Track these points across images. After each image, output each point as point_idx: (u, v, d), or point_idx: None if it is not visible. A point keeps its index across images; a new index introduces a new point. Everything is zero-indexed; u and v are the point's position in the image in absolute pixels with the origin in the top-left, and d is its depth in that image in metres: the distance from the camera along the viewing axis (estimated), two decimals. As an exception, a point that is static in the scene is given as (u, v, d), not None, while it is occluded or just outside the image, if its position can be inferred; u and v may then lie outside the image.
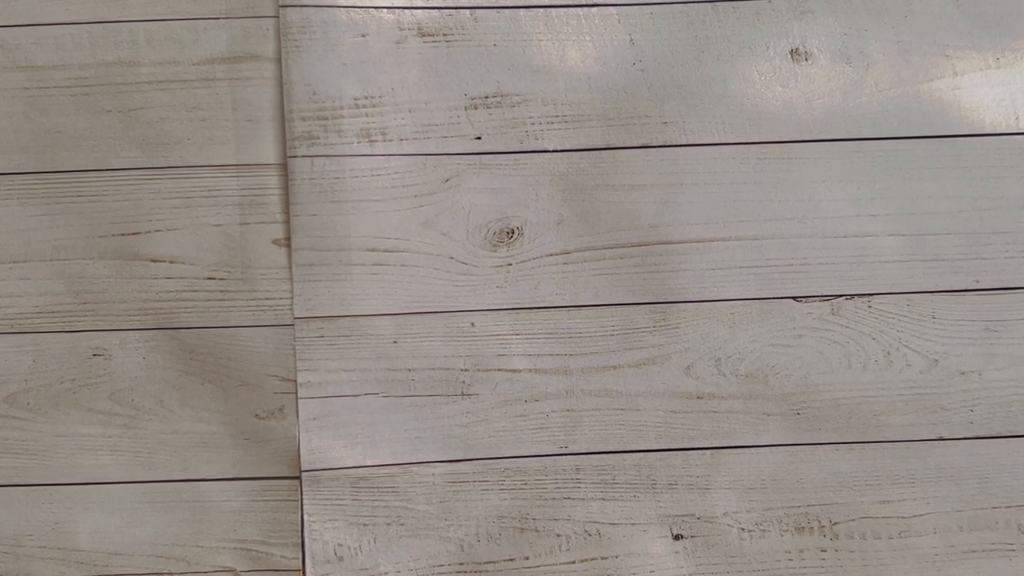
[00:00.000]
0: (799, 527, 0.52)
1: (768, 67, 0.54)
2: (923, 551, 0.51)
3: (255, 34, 0.53)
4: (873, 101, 0.54)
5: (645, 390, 0.52)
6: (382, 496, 0.51)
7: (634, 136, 0.53)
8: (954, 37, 0.54)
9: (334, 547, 0.51)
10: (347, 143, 0.53)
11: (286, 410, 0.52)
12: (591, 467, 0.52)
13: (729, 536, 0.52)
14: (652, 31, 0.54)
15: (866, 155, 0.54)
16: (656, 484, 0.52)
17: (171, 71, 0.53)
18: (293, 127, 0.52)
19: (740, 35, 0.54)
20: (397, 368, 0.52)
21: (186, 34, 0.53)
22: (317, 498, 0.51)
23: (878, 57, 0.54)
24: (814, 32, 0.54)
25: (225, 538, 0.51)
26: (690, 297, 0.53)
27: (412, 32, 0.53)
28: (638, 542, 0.52)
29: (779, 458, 0.52)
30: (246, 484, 0.51)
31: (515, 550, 0.52)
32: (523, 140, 0.53)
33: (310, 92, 0.52)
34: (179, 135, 0.53)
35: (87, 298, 0.53)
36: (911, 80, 0.54)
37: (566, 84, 0.53)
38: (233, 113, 0.53)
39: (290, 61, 0.52)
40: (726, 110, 0.54)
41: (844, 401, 0.52)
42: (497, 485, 0.52)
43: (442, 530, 0.51)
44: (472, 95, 0.53)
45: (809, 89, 0.54)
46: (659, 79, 0.54)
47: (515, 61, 0.53)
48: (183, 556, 0.51)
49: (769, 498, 0.52)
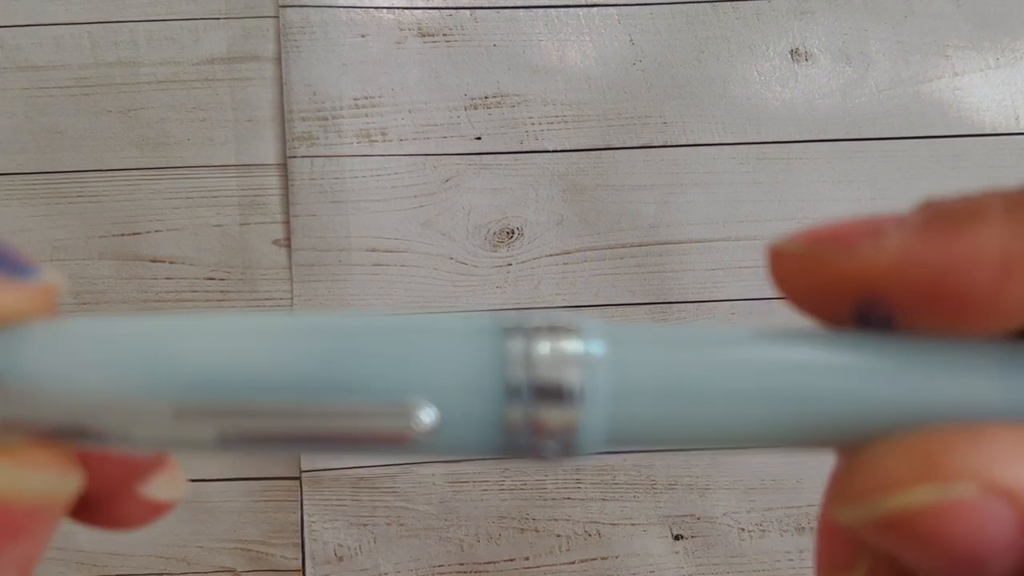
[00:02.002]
0: (799, 527, 0.52)
1: (768, 67, 0.54)
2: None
3: (255, 34, 0.53)
4: (873, 101, 0.54)
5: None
6: (382, 496, 0.51)
7: (634, 136, 0.53)
8: (954, 37, 0.55)
9: (334, 547, 0.51)
10: (347, 143, 0.53)
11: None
12: (591, 467, 0.52)
13: (729, 536, 0.52)
14: (652, 31, 0.54)
15: (866, 155, 0.54)
16: (656, 484, 0.52)
17: (171, 71, 0.53)
18: (293, 127, 0.52)
19: (740, 35, 0.54)
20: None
21: (186, 34, 0.53)
22: (317, 498, 0.51)
23: (878, 57, 0.54)
24: (814, 32, 0.54)
25: (225, 538, 0.51)
26: (690, 297, 0.53)
27: (412, 32, 0.53)
28: (638, 542, 0.52)
29: (779, 458, 0.52)
30: (246, 484, 0.51)
31: (515, 550, 0.52)
32: (523, 140, 0.53)
33: (310, 92, 0.52)
34: (179, 135, 0.53)
35: (87, 298, 0.53)
36: (911, 80, 0.54)
37: (566, 84, 0.53)
38: (233, 113, 0.53)
39: (290, 61, 0.52)
40: (726, 110, 0.54)
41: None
42: (497, 485, 0.52)
43: (442, 530, 0.51)
44: (472, 95, 0.53)
45: (809, 89, 0.54)
46: (659, 79, 0.54)
47: (515, 61, 0.53)
48: (183, 556, 0.51)
49: (769, 498, 0.52)
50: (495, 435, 0.15)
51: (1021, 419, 0.14)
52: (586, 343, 0.15)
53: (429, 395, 0.15)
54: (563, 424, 0.15)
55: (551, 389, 0.14)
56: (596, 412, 0.15)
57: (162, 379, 0.15)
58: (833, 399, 0.15)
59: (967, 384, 0.15)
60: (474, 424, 0.15)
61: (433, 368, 0.15)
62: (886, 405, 0.15)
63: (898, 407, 0.15)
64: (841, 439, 0.16)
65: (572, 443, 0.15)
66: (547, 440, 0.15)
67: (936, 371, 0.15)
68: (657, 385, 0.15)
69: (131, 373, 0.15)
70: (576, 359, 0.15)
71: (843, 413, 0.15)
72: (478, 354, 0.15)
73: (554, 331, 0.15)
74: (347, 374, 0.15)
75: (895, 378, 0.15)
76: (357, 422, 0.15)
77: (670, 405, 0.15)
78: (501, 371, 0.15)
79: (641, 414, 0.15)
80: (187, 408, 0.14)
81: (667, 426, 0.15)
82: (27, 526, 0.14)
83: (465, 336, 0.15)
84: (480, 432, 0.15)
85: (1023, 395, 0.14)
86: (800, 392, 0.15)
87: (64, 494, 0.15)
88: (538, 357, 0.15)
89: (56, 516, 0.15)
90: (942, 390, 0.15)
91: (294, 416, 0.15)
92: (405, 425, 0.14)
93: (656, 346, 0.16)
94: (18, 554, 0.15)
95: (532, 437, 0.15)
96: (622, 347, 0.15)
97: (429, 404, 0.15)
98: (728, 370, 0.15)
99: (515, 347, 0.15)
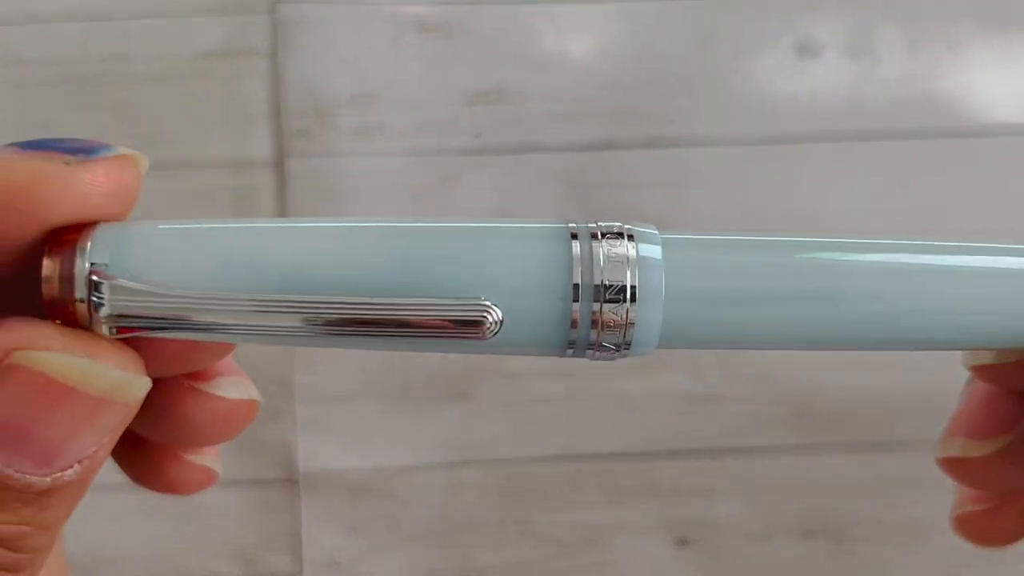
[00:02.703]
0: (805, 532, 0.51)
1: (774, 63, 0.54)
2: (932, 556, 0.51)
3: (250, 29, 0.52)
4: (881, 97, 0.54)
5: (648, 393, 0.52)
6: (380, 500, 0.51)
7: (638, 133, 0.53)
8: (964, 32, 0.54)
9: (332, 552, 0.51)
10: (344, 140, 0.52)
11: (282, 413, 0.51)
12: (593, 471, 0.52)
13: (734, 541, 0.51)
14: (656, 26, 0.53)
15: (874, 152, 0.53)
16: (659, 488, 0.51)
17: (164, 66, 0.52)
18: (289, 123, 0.52)
19: (745, 30, 0.54)
20: (396, 370, 0.51)
21: (179, 29, 0.52)
22: (314, 503, 0.51)
23: (886, 52, 0.54)
24: (821, 27, 0.54)
25: (220, 544, 0.51)
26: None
27: (411, 27, 0.53)
28: (641, 547, 0.51)
29: (785, 462, 0.52)
30: (241, 488, 0.51)
31: (515, 555, 0.51)
32: (524, 137, 0.52)
33: (306, 88, 0.52)
34: (172, 131, 0.52)
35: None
36: (920, 76, 0.54)
37: (568, 80, 0.53)
38: (227, 109, 0.52)
39: (285, 56, 0.52)
40: (731, 106, 0.53)
41: (853, 404, 0.52)
42: (497, 489, 0.51)
43: (441, 535, 0.51)
44: (472, 91, 0.53)
45: (816, 85, 0.53)
46: (663, 75, 0.53)
47: (516, 56, 0.53)
48: (177, 561, 0.51)
49: (775, 503, 0.51)
50: (561, 331, 0.17)
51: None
52: (642, 247, 0.17)
53: (500, 293, 0.16)
54: (621, 321, 0.17)
55: (610, 289, 0.16)
56: (650, 311, 0.17)
57: (252, 277, 0.17)
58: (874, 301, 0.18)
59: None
60: (541, 319, 0.17)
61: (504, 268, 0.17)
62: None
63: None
64: (885, 342, 0.18)
65: (630, 340, 0.17)
66: (607, 335, 0.17)
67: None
68: (706, 286, 0.17)
69: (224, 272, 0.17)
70: (633, 261, 0.17)
71: (880, 316, 0.18)
72: (546, 255, 0.17)
73: (616, 236, 0.17)
74: (422, 273, 0.16)
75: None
76: (433, 312, 0.16)
77: (718, 305, 0.17)
78: (567, 271, 0.16)
79: (692, 314, 0.17)
80: (274, 302, 0.16)
81: (716, 325, 0.17)
82: (97, 413, 0.16)
83: (534, 238, 0.17)
84: (546, 327, 0.17)
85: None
86: (841, 295, 0.18)
87: (132, 393, 0.17)
88: (599, 259, 0.17)
89: (124, 414, 0.17)
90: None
91: (373, 308, 0.17)
92: (479, 316, 0.16)
93: (707, 250, 0.18)
94: (92, 439, 0.16)
95: (593, 332, 0.17)
96: (676, 252, 0.17)
97: (498, 301, 0.16)
98: (772, 273, 0.17)
99: (580, 249, 0.17)
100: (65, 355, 0.16)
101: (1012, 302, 0.19)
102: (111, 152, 0.17)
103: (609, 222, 0.18)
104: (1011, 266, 0.20)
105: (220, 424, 0.22)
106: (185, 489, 0.25)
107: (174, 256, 0.17)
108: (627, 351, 0.17)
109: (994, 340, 0.19)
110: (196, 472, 0.25)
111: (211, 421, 0.22)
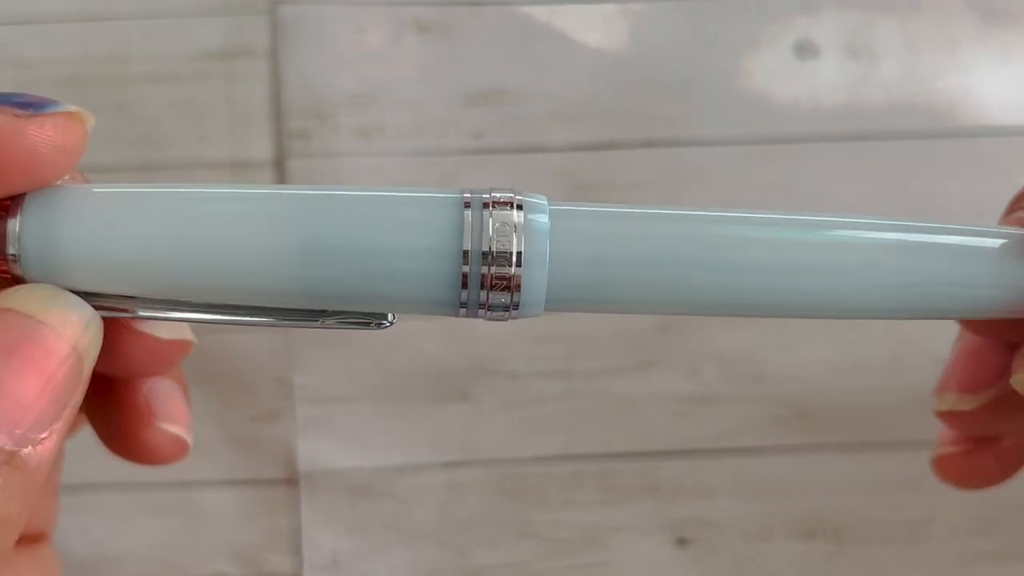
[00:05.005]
0: (805, 532, 0.51)
1: (773, 63, 0.53)
2: (932, 557, 0.51)
3: (250, 29, 0.52)
4: (881, 97, 0.53)
5: (647, 392, 0.52)
6: (380, 500, 0.51)
7: (638, 133, 0.53)
8: (963, 32, 0.54)
9: (331, 552, 0.51)
10: (344, 140, 0.52)
11: (282, 413, 0.51)
12: (592, 471, 0.52)
13: (733, 541, 0.51)
14: (656, 26, 0.53)
15: (874, 152, 0.53)
16: (659, 488, 0.51)
17: (163, 67, 0.52)
18: (289, 124, 0.52)
19: (745, 30, 0.54)
20: (395, 371, 0.51)
21: (179, 29, 0.52)
22: (314, 503, 0.51)
23: (886, 52, 0.54)
24: (821, 27, 0.54)
25: (220, 544, 0.51)
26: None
27: (410, 27, 0.53)
28: (640, 547, 0.51)
29: (785, 462, 0.51)
30: (241, 488, 0.51)
31: (515, 555, 0.51)
32: (524, 137, 0.52)
33: (306, 88, 0.52)
34: (172, 132, 0.52)
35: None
36: (920, 76, 0.54)
37: (568, 80, 0.53)
38: (227, 110, 0.52)
39: (285, 57, 0.52)
40: (731, 106, 0.53)
41: (853, 404, 0.52)
42: (496, 489, 0.51)
43: (441, 535, 0.51)
44: (472, 91, 0.53)
45: (816, 85, 0.53)
46: (663, 75, 0.53)
47: (516, 56, 0.53)
48: (177, 562, 0.51)
49: (774, 502, 0.51)
50: (452, 291, 0.19)
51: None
52: (530, 216, 0.19)
53: (399, 254, 0.19)
54: (507, 283, 0.19)
55: (498, 254, 0.19)
56: (535, 273, 0.19)
57: (164, 253, 0.21)
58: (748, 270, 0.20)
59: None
60: (434, 281, 0.19)
61: (403, 231, 0.19)
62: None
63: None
64: (746, 308, 0.21)
65: (517, 301, 0.19)
66: (496, 296, 0.19)
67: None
68: (588, 252, 0.19)
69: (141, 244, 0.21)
70: (520, 227, 0.19)
71: (744, 284, 0.20)
72: (440, 221, 0.19)
73: (506, 205, 0.19)
74: (331, 238, 0.19)
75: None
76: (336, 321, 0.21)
77: (600, 270, 0.19)
78: (458, 237, 0.19)
79: (575, 277, 0.19)
80: (180, 289, 0.20)
81: (600, 288, 0.19)
82: (57, 359, 0.17)
83: (432, 206, 0.19)
84: (439, 288, 0.19)
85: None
86: (725, 264, 0.20)
87: (88, 333, 0.18)
88: (488, 226, 0.19)
89: (83, 363, 0.18)
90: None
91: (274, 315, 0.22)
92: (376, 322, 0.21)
93: (592, 220, 0.20)
94: (59, 398, 0.17)
95: (483, 293, 0.19)
96: (562, 220, 0.20)
97: (398, 262, 0.19)
98: (652, 241, 0.19)
99: (471, 217, 0.19)
100: (32, 288, 0.17)
101: (866, 273, 0.25)
102: (59, 108, 0.18)
103: (503, 193, 0.20)
104: (864, 239, 0.25)
105: (157, 359, 0.25)
106: (157, 457, 0.28)
107: (107, 219, 0.20)
108: (516, 312, 0.19)
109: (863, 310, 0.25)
110: (167, 440, 0.27)
111: (149, 358, 0.24)
